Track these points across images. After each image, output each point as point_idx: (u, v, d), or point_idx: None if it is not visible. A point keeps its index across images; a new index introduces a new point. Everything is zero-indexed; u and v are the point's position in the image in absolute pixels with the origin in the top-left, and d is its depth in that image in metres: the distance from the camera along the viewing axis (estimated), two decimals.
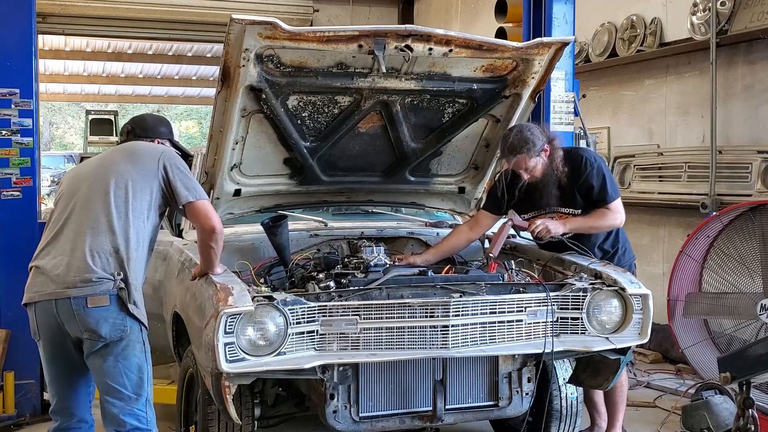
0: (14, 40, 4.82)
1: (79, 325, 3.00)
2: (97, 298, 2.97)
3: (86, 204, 3.15)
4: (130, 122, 3.61)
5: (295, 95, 3.63)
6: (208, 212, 3.19)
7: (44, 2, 9.13)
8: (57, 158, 25.14)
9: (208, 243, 3.22)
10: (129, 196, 3.14)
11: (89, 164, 3.39)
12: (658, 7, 6.67)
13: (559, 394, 3.96)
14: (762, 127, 5.76)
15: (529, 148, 3.76)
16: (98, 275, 3.01)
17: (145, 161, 3.23)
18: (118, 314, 3.02)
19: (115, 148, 3.52)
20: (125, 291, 3.02)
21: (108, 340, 3.00)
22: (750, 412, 2.93)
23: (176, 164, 3.25)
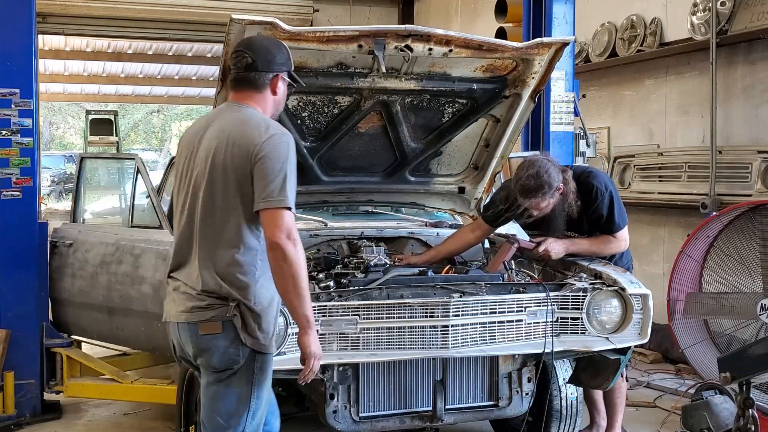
0: (14, 40, 4.82)
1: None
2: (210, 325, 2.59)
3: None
4: (246, 48, 2.72)
5: (295, 95, 3.63)
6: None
7: (44, 2, 9.12)
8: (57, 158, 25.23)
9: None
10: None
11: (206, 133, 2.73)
12: (658, 7, 6.67)
13: (559, 394, 3.96)
14: (762, 127, 5.76)
15: (545, 192, 3.64)
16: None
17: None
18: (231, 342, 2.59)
19: (230, 112, 2.71)
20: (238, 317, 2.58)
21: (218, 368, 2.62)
22: (750, 412, 2.93)
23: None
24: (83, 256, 4.96)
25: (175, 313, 2.66)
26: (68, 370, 4.99)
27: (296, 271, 2.49)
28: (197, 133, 2.74)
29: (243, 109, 2.70)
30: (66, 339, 5.05)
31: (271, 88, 2.73)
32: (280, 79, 2.75)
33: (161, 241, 4.44)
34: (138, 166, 4.86)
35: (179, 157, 2.80)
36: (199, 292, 2.59)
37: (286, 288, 2.52)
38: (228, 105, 2.76)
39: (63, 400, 5.16)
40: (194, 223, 2.65)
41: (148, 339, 4.66)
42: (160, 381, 4.80)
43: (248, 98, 2.72)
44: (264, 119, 2.68)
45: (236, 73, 2.72)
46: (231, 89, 2.77)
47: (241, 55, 2.70)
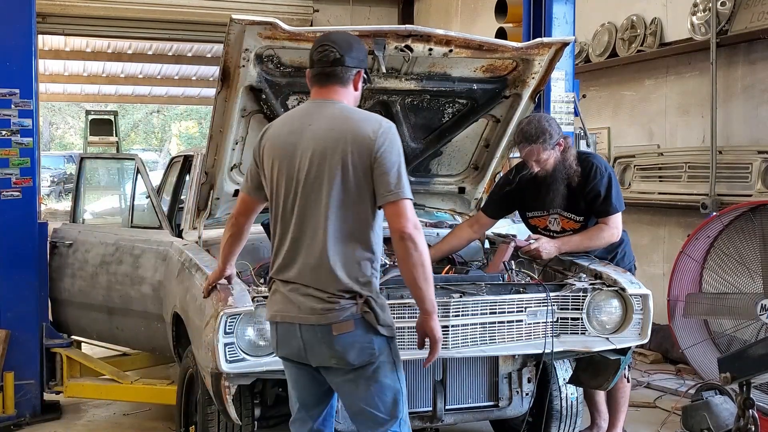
0: (14, 40, 4.81)
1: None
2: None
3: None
4: (332, 43, 2.67)
5: (295, 95, 3.63)
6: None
7: (44, 2, 9.12)
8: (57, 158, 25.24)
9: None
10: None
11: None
12: (658, 8, 6.67)
13: (559, 394, 3.96)
14: (762, 127, 5.76)
15: (545, 139, 3.69)
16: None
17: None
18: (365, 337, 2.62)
19: (327, 109, 2.67)
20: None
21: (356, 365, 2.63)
22: (750, 413, 2.93)
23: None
24: (83, 257, 4.96)
25: (296, 315, 2.62)
26: (68, 370, 4.99)
27: (425, 258, 2.56)
28: (294, 135, 2.67)
29: (339, 105, 2.67)
30: (66, 339, 5.05)
31: (354, 83, 2.72)
32: (361, 76, 2.74)
33: (161, 242, 4.44)
34: (138, 167, 4.86)
35: (270, 161, 2.69)
36: (331, 294, 2.57)
37: (417, 276, 2.56)
38: (316, 103, 2.71)
39: (63, 400, 5.16)
40: (311, 223, 2.61)
41: (147, 339, 4.66)
42: (160, 381, 4.80)
43: (336, 93, 2.69)
44: (367, 113, 2.71)
45: (322, 67, 2.67)
46: (315, 84, 2.71)
47: (328, 49, 2.65)
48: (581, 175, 3.81)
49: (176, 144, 34.69)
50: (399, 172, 2.58)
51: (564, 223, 3.95)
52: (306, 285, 2.61)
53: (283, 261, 2.68)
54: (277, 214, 2.70)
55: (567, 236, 3.91)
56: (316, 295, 2.59)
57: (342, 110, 2.67)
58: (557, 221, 3.96)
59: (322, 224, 2.59)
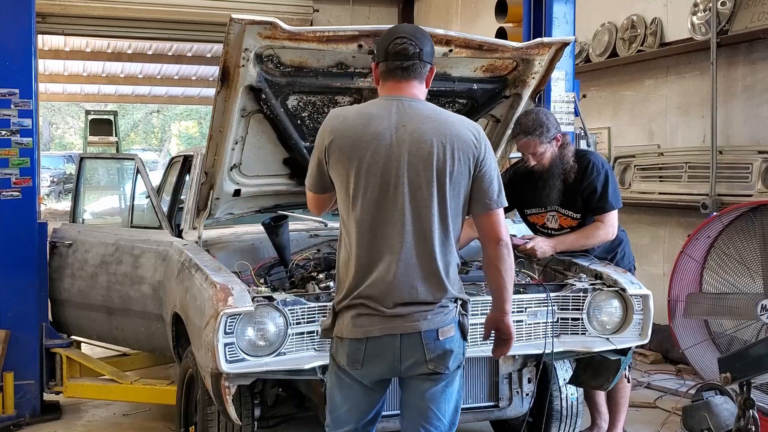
0: (14, 40, 4.81)
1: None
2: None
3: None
4: (410, 36, 2.55)
5: (295, 95, 3.62)
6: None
7: (44, 2, 9.12)
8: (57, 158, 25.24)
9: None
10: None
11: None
12: (658, 7, 6.67)
13: (559, 394, 3.96)
14: (762, 127, 5.76)
15: (542, 132, 3.71)
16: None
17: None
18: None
19: (417, 109, 2.55)
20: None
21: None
22: (750, 413, 2.93)
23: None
24: (83, 257, 4.96)
25: (399, 325, 2.49)
26: (68, 370, 4.98)
27: (513, 264, 2.67)
28: (386, 134, 2.49)
29: (422, 104, 2.58)
30: (65, 339, 5.05)
31: (427, 80, 2.63)
32: (433, 73, 2.65)
33: (161, 242, 4.44)
34: (138, 167, 4.86)
35: (354, 160, 2.49)
36: (439, 300, 2.54)
37: (508, 278, 2.63)
38: (397, 100, 2.55)
39: (62, 400, 5.16)
40: (418, 229, 2.50)
41: (147, 339, 4.66)
42: (160, 381, 4.80)
43: (414, 89, 2.57)
44: (454, 114, 2.66)
45: (401, 61, 2.52)
46: (390, 79, 2.56)
47: (407, 41, 2.52)
48: (578, 171, 3.82)
49: (176, 144, 34.70)
50: (499, 178, 2.62)
51: (562, 220, 3.95)
52: (414, 294, 2.51)
53: (381, 271, 2.50)
54: (364, 221, 2.50)
55: (562, 235, 3.92)
56: (424, 301, 2.52)
57: (434, 110, 2.58)
58: (555, 218, 3.96)
59: (429, 230, 2.50)
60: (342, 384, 2.63)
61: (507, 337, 2.72)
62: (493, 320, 2.72)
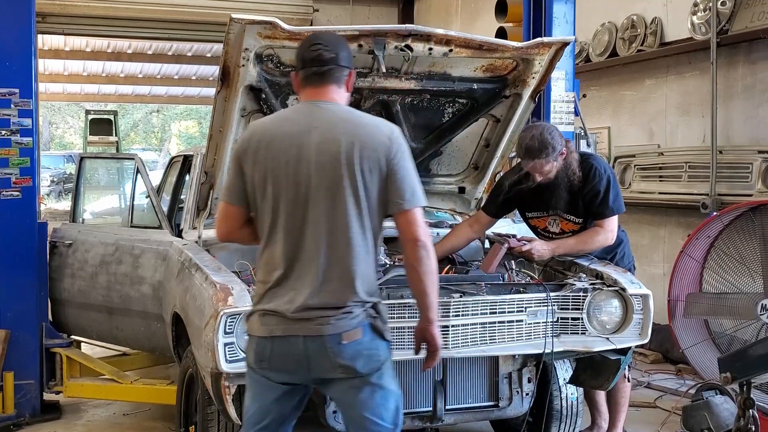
0: (14, 40, 4.81)
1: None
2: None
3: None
4: (326, 42, 2.59)
5: (294, 95, 3.61)
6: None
7: (44, 2, 9.12)
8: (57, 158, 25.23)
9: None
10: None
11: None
12: (658, 7, 6.67)
13: (559, 394, 3.96)
14: (762, 126, 5.76)
15: (548, 153, 3.66)
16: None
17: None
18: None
19: (331, 112, 2.56)
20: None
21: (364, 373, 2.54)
22: (750, 413, 2.92)
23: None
24: (83, 256, 4.96)
25: (301, 326, 2.46)
26: (68, 370, 4.98)
27: (436, 266, 2.53)
28: (297, 138, 2.50)
29: (337, 107, 2.57)
30: (65, 339, 5.05)
31: (347, 84, 2.62)
32: (352, 77, 2.64)
33: (161, 241, 4.44)
34: (138, 166, 4.86)
35: (267, 167, 2.50)
36: (342, 304, 2.47)
37: (429, 282, 2.52)
38: (315, 104, 2.56)
39: (62, 400, 5.16)
40: (325, 237, 2.47)
41: (147, 339, 4.66)
42: (160, 381, 4.80)
43: (331, 93, 2.57)
44: (370, 116, 2.63)
45: (318, 67, 2.54)
46: (308, 85, 2.57)
47: (323, 47, 2.55)
48: (581, 176, 3.81)
49: (176, 144, 34.70)
50: (413, 179, 2.52)
51: (563, 224, 3.95)
52: (322, 297, 2.48)
53: (292, 273, 2.50)
54: (276, 223, 2.52)
55: (562, 239, 3.91)
56: (330, 305, 2.47)
57: (347, 113, 2.58)
58: (557, 222, 3.96)
59: (342, 235, 2.48)
60: (251, 383, 2.63)
61: (433, 349, 2.60)
62: (419, 330, 2.61)
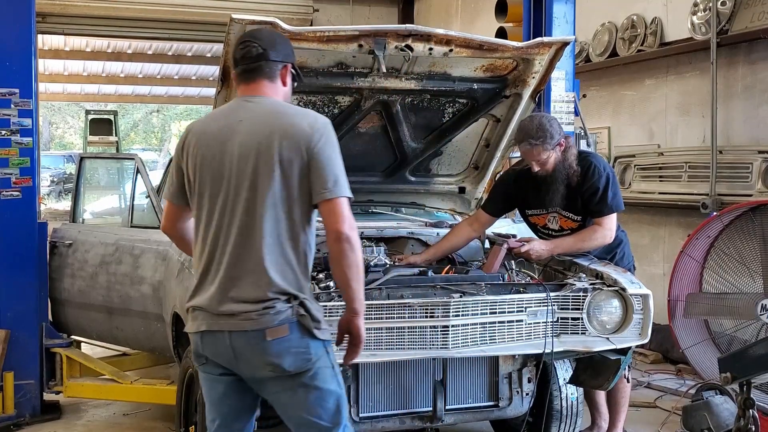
0: (14, 40, 4.81)
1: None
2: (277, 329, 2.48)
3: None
4: (253, 38, 2.62)
5: (295, 95, 3.62)
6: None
7: (44, 2, 9.12)
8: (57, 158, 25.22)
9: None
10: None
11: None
12: (658, 7, 6.67)
13: (559, 394, 3.95)
14: (763, 127, 5.76)
15: (545, 139, 3.67)
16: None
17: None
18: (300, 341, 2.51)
19: (256, 106, 2.59)
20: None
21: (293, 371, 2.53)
22: (750, 413, 2.92)
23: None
24: (83, 257, 4.96)
25: (226, 322, 2.48)
26: (68, 370, 4.99)
27: (360, 259, 2.49)
28: (223, 133, 2.55)
29: (267, 100, 2.58)
30: (65, 339, 5.05)
31: (281, 78, 2.64)
32: (289, 71, 2.66)
33: (161, 241, 4.43)
34: (138, 166, 4.86)
35: (195, 162, 2.57)
36: (266, 298, 2.45)
37: (351, 276, 2.48)
38: (244, 100, 2.60)
39: (62, 400, 5.16)
40: (245, 226, 2.48)
41: (147, 339, 4.66)
42: (160, 381, 4.80)
43: (263, 88, 2.60)
44: (296, 107, 2.62)
45: (247, 64, 2.59)
46: (241, 82, 2.62)
47: (250, 44, 2.59)
48: (580, 174, 3.81)
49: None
50: (336, 168, 2.48)
51: (563, 222, 3.95)
52: (239, 290, 2.48)
53: (212, 267, 2.53)
54: (201, 218, 2.56)
55: (560, 238, 3.91)
56: (249, 299, 2.46)
57: (274, 105, 2.58)
58: (556, 220, 3.96)
59: (256, 226, 2.47)
60: (201, 380, 2.68)
61: (356, 342, 2.56)
62: (344, 322, 2.57)
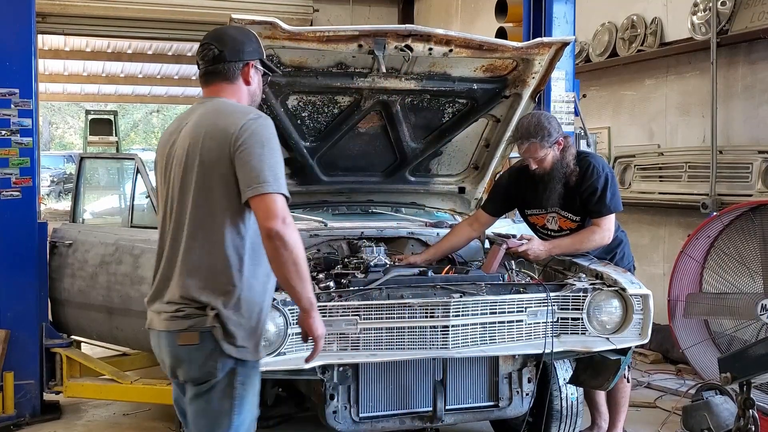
0: (14, 40, 4.81)
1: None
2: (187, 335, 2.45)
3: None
4: (212, 40, 2.61)
5: (295, 95, 3.63)
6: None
7: (44, 2, 9.12)
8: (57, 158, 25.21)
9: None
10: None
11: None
12: (658, 7, 6.67)
13: (559, 394, 3.96)
14: (762, 126, 5.76)
15: (544, 136, 3.68)
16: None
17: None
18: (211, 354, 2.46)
19: (204, 108, 2.61)
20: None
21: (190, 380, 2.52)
22: (750, 413, 2.93)
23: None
24: (83, 257, 4.96)
25: (158, 321, 2.52)
26: (68, 370, 4.98)
27: (297, 255, 2.36)
28: (171, 136, 2.61)
29: (215, 102, 2.58)
30: (65, 339, 5.05)
31: (243, 77, 2.62)
32: (252, 68, 2.63)
33: None
34: (138, 166, 4.86)
35: (156, 164, 2.66)
36: (178, 300, 2.45)
37: (289, 275, 2.37)
38: (199, 102, 2.64)
39: (62, 400, 5.16)
40: (175, 227, 2.50)
41: (147, 339, 4.62)
42: (160, 381, 4.80)
43: (221, 91, 2.60)
44: (238, 106, 2.59)
45: (205, 67, 2.61)
46: (202, 85, 2.64)
47: (207, 47, 2.59)
48: (579, 174, 3.81)
49: None
50: (263, 165, 2.38)
51: (561, 222, 3.95)
52: (167, 291, 2.50)
53: (158, 267, 2.57)
54: (158, 220, 2.63)
55: (559, 239, 3.91)
56: (170, 301, 2.47)
57: (216, 105, 2.57)
58: (555, 220, 3.96)
59: (180, 229, 2.48)
60: None
61: (314, 339, 2.50)
62: (299, 322, 2.53)
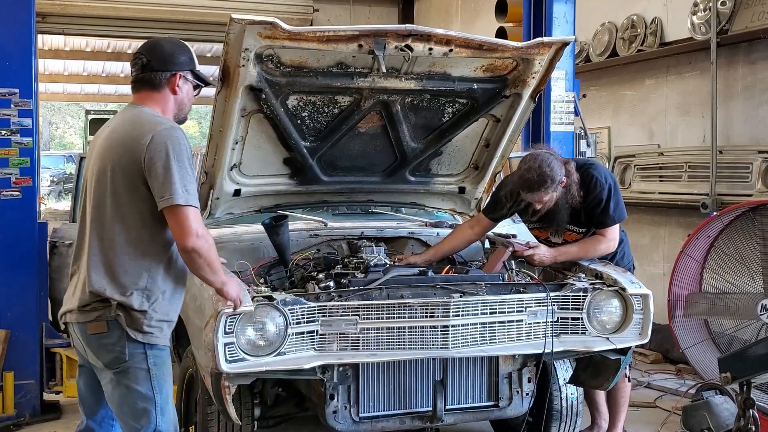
0: (14, 40, 4.82)
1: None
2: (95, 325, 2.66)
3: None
4: (143, 51, 2.76)
5: (295, 95, 3.62)
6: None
7: (44, 2, 9.12)
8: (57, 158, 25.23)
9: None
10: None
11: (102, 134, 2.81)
12: (658, 7, 6.67)
13: (559, 394, 3.96)
14: (762, 126, 5.76)
15: (548, 186, 3.64)
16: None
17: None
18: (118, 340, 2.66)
19: (124, 115, 2.78)
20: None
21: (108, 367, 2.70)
22: (751, 413, 2.93)
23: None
24: None
25: (71, 314, 2.71)
26: (68, 370, 4.99)
27: (211, 258, 2.63)
28: (96, 140, 2.77)
29: (136, 109, 2.70)
30: (65, 339, 5.04)
31: (170, 87, 2.73)
32: (180, 78, 2.74)
33: None
34: None
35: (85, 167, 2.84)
36: (87, 293, 2.63)
37: (204, 274, 2.67)
38: (124, 109, 2.78)
39: (62, 400, 5.16)
40: (84, 226, 2.71)
41: None
42: None
43: (146, 99, 2.73)
44: (154, 115, 2.68)
45: (134, 75, 2.75)
46: (132, 92, 2.78)
47: (138, 57, 2.73)
48: (582, 187, 3.79)
49: None
50: (171, 174, 2.51)
51: (566, 235, 3.95)
52: (80, 286, 2.67)
53: (72, 260, 2.79)
54: (78, 221, 2.82)
55: (564, 246, 3.91)
56: (81, 296, 2.65)
57: (135, 114, 2.69)
58: (559, 234, 3.97)
59: (95, 228, 2.65)
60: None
61: (231, 300, 2.82)
62: (218, 294, 2.87)
